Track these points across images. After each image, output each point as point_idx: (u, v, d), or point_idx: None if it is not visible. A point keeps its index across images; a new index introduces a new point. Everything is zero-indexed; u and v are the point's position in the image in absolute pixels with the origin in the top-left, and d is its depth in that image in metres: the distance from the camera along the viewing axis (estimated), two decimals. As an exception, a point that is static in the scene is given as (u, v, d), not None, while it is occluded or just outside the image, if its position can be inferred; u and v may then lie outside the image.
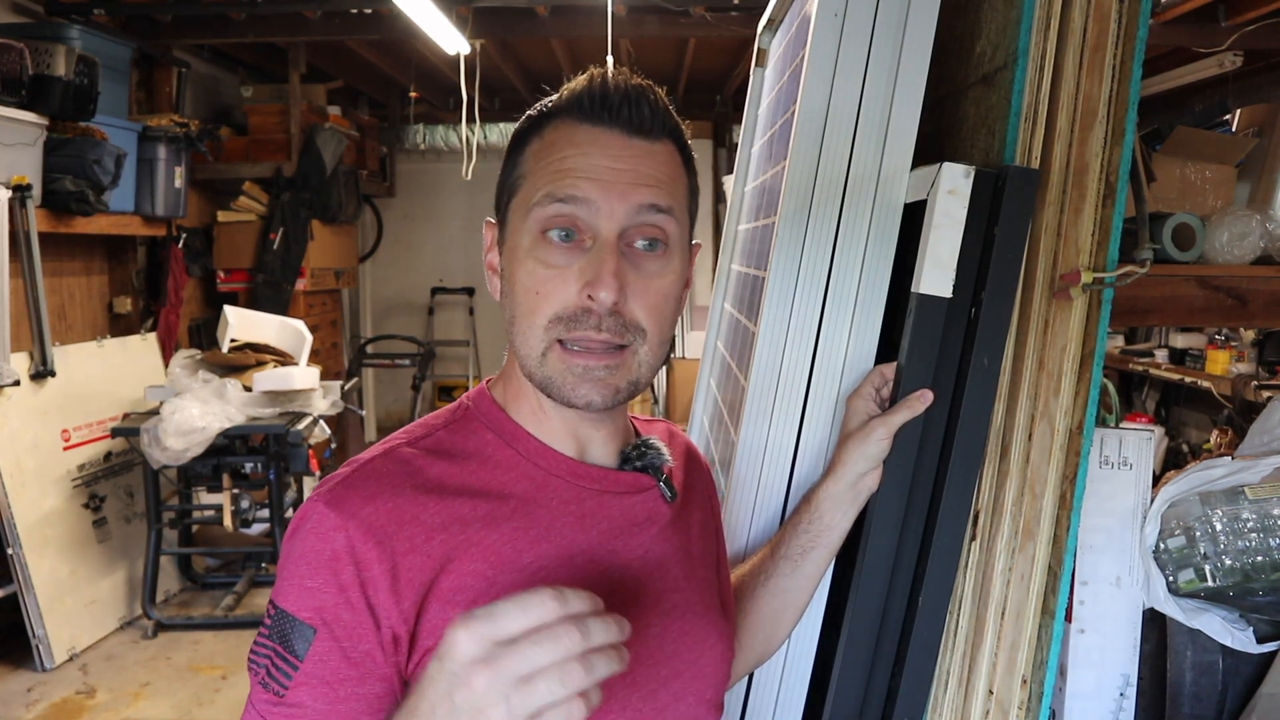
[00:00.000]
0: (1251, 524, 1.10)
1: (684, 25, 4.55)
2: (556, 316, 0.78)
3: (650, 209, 0.79)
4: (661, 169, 0.81)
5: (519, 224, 0.81)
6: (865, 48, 1.07)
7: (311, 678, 0.72)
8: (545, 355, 0.79)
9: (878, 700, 1.04)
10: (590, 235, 0.78)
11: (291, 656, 0.73)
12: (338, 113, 6.00)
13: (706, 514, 1.00)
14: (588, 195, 0.77)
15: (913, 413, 0.99)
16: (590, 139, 0.79)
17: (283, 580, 0.75)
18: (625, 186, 0.78)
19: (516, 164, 0.83)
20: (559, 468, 0.84)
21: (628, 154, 0.79)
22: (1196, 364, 4.00)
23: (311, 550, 0.74)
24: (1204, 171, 1.78)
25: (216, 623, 3.98)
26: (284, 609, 0.74)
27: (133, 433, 3.75)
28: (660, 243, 0.80)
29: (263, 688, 0.73)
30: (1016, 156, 0.99)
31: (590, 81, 0.80)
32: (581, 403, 0.79)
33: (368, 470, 0.78)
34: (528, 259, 0.79)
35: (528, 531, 0.80)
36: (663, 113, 0.81)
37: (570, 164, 0.78)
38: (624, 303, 0.78)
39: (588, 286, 0.77)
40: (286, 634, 0.73)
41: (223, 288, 5.37)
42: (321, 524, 0.74)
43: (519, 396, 0.85)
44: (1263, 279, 1.20)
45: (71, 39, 3.78)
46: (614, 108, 0.79)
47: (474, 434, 0.84)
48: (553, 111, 0.82)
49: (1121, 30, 0.98)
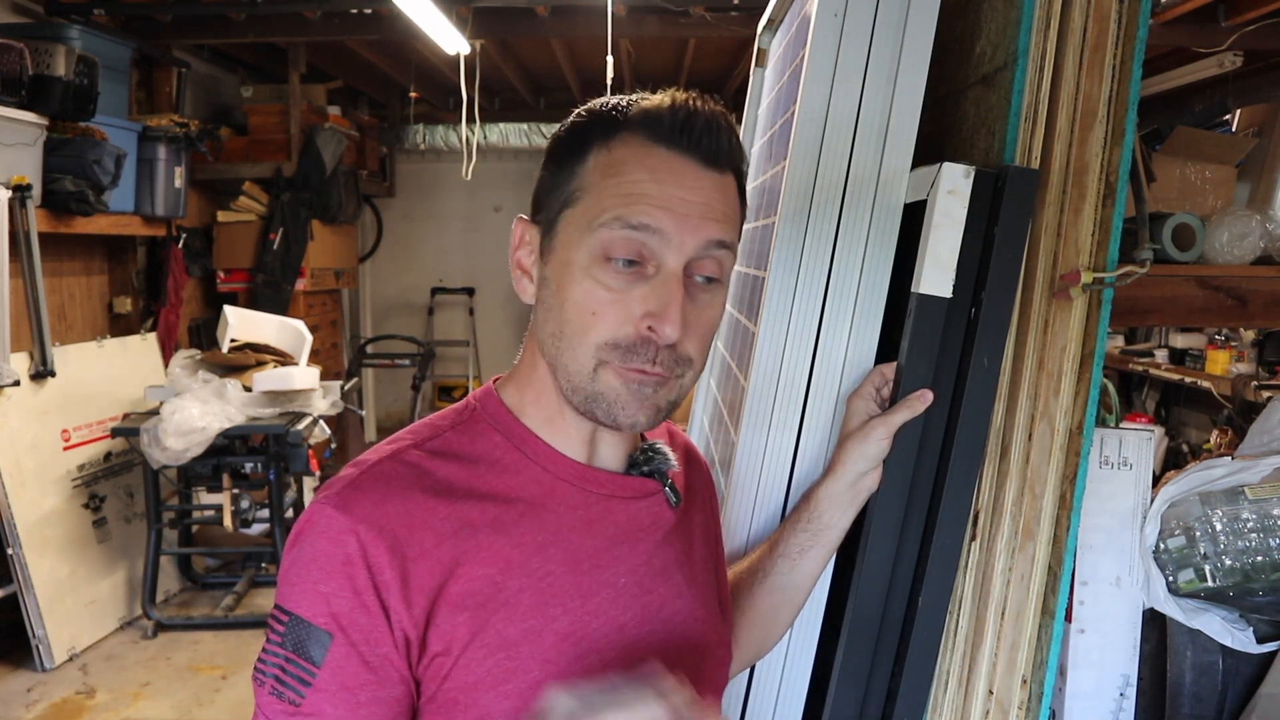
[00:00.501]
0: (1251, 524, 1.10)
1: (684, 25, 4.55)
2: (613, 343, 0.77)
3: (717, 245, 0.78)
4: (729, 204, 0.80)
5: (575, 238, 0.78)
6: (865, 48, 1.07)
7: (330, 684, 0.71)
8: (597, 372, 0.77)
9: (878, 700, 1.04)
10: (654, 264, 0.76)
11: (307, 663, 0.71)
12: (338, 113, 6.00)
13: (707, 515, 1.00)
14: (661, 226, 0.75)
15: (912, 413, 0.99)
16: (665, 165, 0.76)
17: (292, 585, 0.73)
18: (697, 220, 0.76)
19: (575, 173, 0.79)
20: (567, 472, 0.83)
21: (702, 185, 0.77)
22: (1196, 364, 4.00)
23: (323, 553, 0.73)
24: (1204, 171, 1.78)
25: (216, 623, 3.98)
26: (297, 614, 0.72)
27: (133, 433, 3.75)
28: (716, 279, 0.80)
29: (275, 698, 0.72)
30: (1016, 156, 0.99)
31: (672, 102, 0.78)
32: (627, 423, 0.78)
33: (376, 473, 0.77)
34: (585, 278, 0.77)
35: (535, 536, 0.79)
36: (736, 145, 0.80)
37: (644, 189, 0.76)
38: (682, 342, 0.77)
39: (650, 317, 0.76)
40: (301, 641, 0.72)
41: (223, 288, 5.37)
42: (331, 527, 0.73)
43: (536, 401, 0.84)
44: (1263, 279, 1.20)
45: (71, 39, 3.78)
46: (695, 135, 0.77)
47: (481, 436, 0.83)
48: (623, 123, 0.78)
49: (1121, 30, 0.98)
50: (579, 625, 0.79)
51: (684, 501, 0.92)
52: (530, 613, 0.77)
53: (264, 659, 0.73)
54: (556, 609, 0.78)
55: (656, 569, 0.86)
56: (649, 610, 0.84)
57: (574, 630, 0.79)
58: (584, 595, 0.80)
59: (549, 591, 0.78)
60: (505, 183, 7.30)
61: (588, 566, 0.81)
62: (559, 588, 0.79)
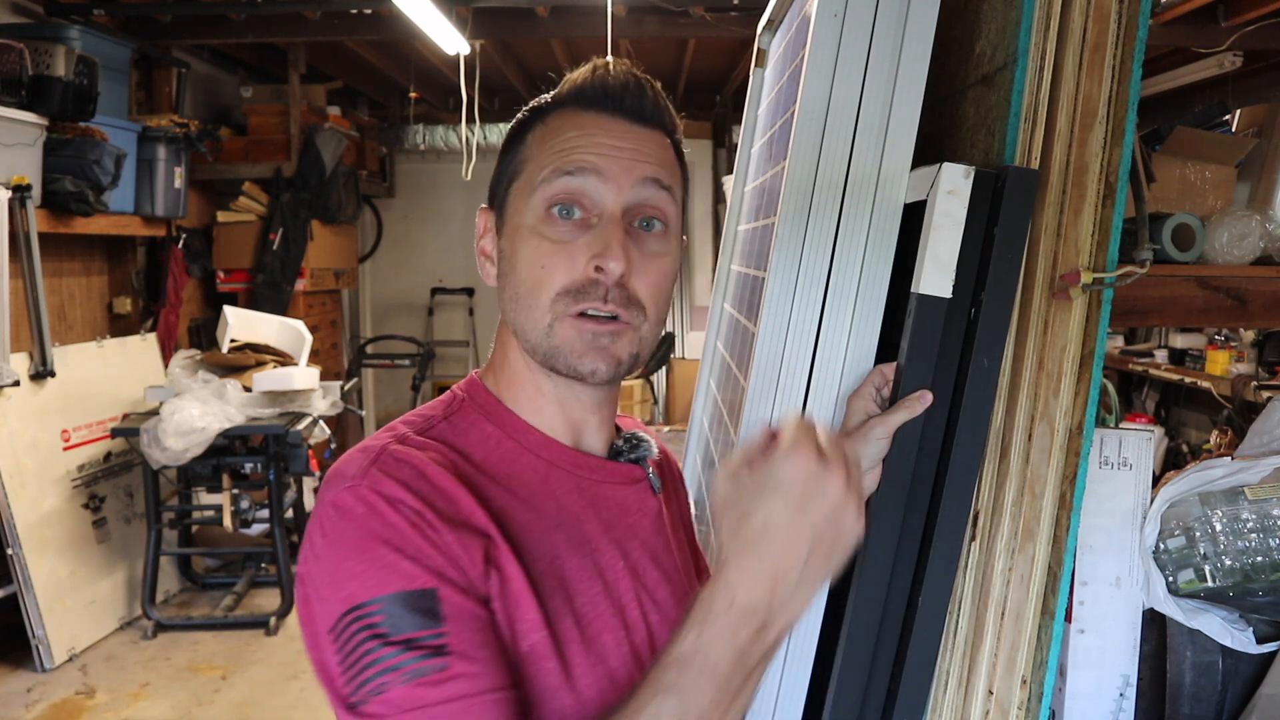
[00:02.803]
0: (1251, 524, 1.10)
1: (684, 25, 4.55)
2: (564, 289, 0.79)
3: (653, 183, 0.82)
4: (662, 153, 0.85)
5: (522, 204, 0.82)
6: (865, 48, 1.07)
7: (461, 634, 0.69)
8: (553, 326, 0.80)
9: (878, 700, 1.04)
10: (596, 213, 0.80)
11: (427, 631, 0.68)
12: (337, 113, 6.00)
13: (681, 505, 1.02)
14: (595, 166, 0.80)
15: (911, 413, 0.99)
16: (594, 123, 0.82)
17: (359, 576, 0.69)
18: (629, 162, 0.81)
19: (517, 150, 0.85)
20: (560, 458, 0.84)
21: (630, 136, 0.82)
22: (1196, 364, 4.00)
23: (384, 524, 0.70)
24: (1204, 172, 1.78)
25: (216, 623, 3.98)
26: (387, 595, 0.68)
27: (132, 433, 3.75)
28: (660, 222, 0.83)
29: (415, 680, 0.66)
30: (1016, 157, 0.99)
31: (593, 72, 0.84)
32: (587, 370, 0.81)
33: (394, 453, 0.76)
34: (532, 236, 0.81)
35: (541, 520, 0.81)
36: (661, 105, 0.85)
37: (575, 142, 0.81)
38: (629, 277, 0.80)
39: (596, 258, 0.79)
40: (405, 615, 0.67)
41: (222, 288, 5.37)
42: (376, 501, 0.71)
43: (514, 384, 0.86)
44: (1263, 279, 1.20)
45: (71, 39, 3.78)
46: (616, 96, 0.83)
47: (474, 426, 0.84)
48: (555, 102, 0.85)
49: (1121, 30, 0.98)
50: (587, 609, 0.81)
51: (661, 490, 0.94)
52: (550, 596, 0.78)
53: (364, 666, 0.67)
54: (565, 594, 0.80)
55: (646, 553, 0.88)
56: (641, 593, 0.86)
57: (583, 614, 0.80)
58: (588, 579, 0.82)
59: (556, 577, 0.80)
60: None
61: (588, 551, 0.82)
62: (566, 572, 0.80)
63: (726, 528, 0.69)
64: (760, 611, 0.67)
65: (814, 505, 0.67)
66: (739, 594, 0.67)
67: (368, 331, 7.43)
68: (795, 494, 0.67)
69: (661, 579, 0.88)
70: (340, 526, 0.71)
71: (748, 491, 0.69)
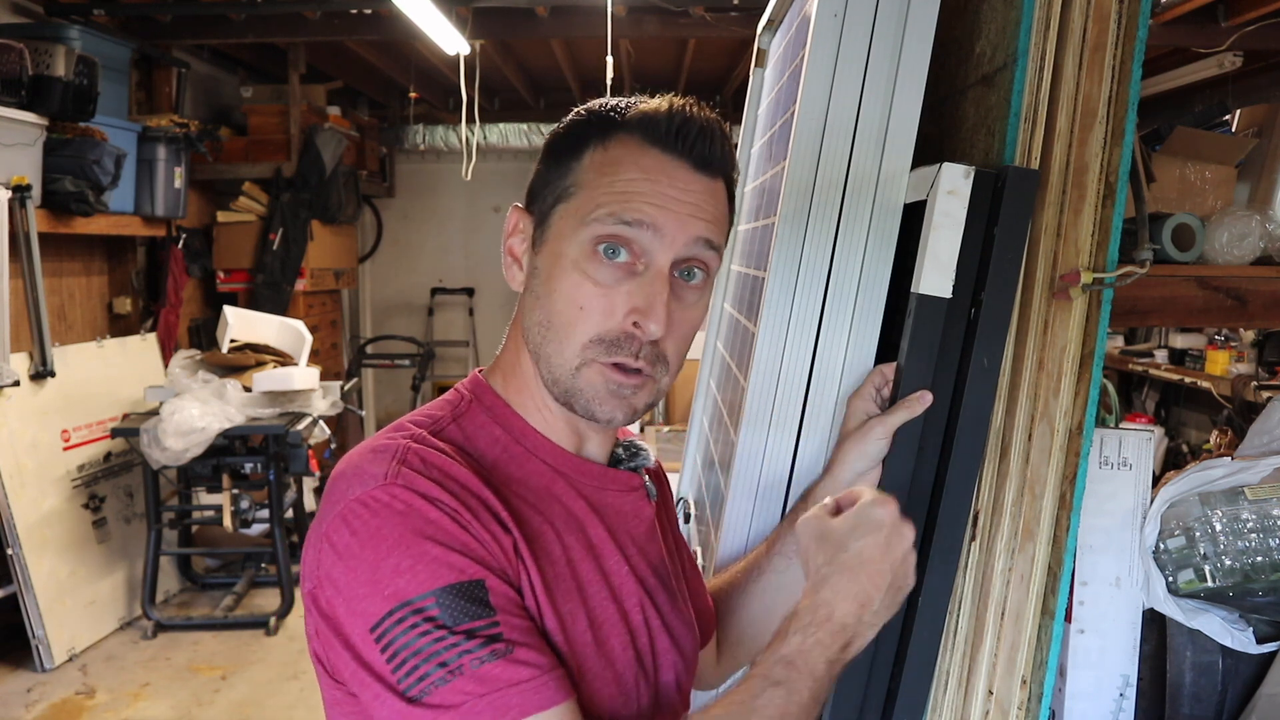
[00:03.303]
0: (1251, 524, 1.10)
1: (684, 26, 4.54)
2: (598, 336, 0.78)
3: (705, 244, 0.80)
4: (719, 208, 0.82)
5: (568, 231, 0.79)
6: (865, 48, 1.07)
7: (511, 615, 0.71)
8: (580, 370, 0.79)
9: (878, 700, 1.04)
10: (644, 261, 0.78)
11: (481, 621, 0.69)
12: (337, 113, 6.00)
13: (671, 514, 1.03)
14: (653, 221, 0.77)
15: (911, 414, 0.99)
16: (659, 166, 0.79)
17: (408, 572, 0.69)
18: (687, 218, 0.79)
19: (570, 169, 0.81)
20: (565, 465, 0.85)
21: (693, 187, 0.79)
22: (1196, 364, 4.00)
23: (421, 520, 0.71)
24: (1204, 172, 1.78)
25: (216, 623, 3.98)
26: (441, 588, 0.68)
27: (132, 433, 3.75)
28: (700, 273, 0.82)
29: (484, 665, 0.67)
30: (1016, 157, 0.99)
31: (669, 107, 0.80)
32: (603, 419, 0.81)
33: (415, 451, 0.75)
34: (574, 271, 0.78)
35: (552, 524, 0.81)
36: (728, 152, 0.82)
37: (637, 187, 0.78)
38: (663, 337, 0.79)
39: (636, 313, 0.77)
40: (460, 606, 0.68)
41: (222, 288, 5.37)
42: (414, 497, 0.71)
43: (522, 390, 0.85)
44: (1263, 279, 1.19)
45: (71, 39, 3.78)
46: (689, 139, 0.79)
47: (482, 429, 0.83)
48: (620, 125, 0.80)
49: (1121, 30, 0.98)
50: (598, 612, 0.81)
51: (657, 498, 0.95)
52: (564, 599, 0.79)
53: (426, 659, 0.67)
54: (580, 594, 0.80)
55: (646, 558, 0.89)
56: (644, 598, 0.86)
57: (595, 617, 0.81)
58: (597, 584, 0.82)
59: (575, 579, 0.80)
60: (505, 183, 7.29)
61: (595, 555, 0.83)
62: (582, 576, 0.81)
63: (822, 556, 0.79)
64: (850, 628, 0.77)
65: (895, 546, 0.79)
66: (836, 611, 0.77)
67: (368, 331, 7.43)
68: (884, 534, 0.79)
69: (659, 584, 0.89)
70: (375, 524, 0.71)
71: (840, 529, 0.80)
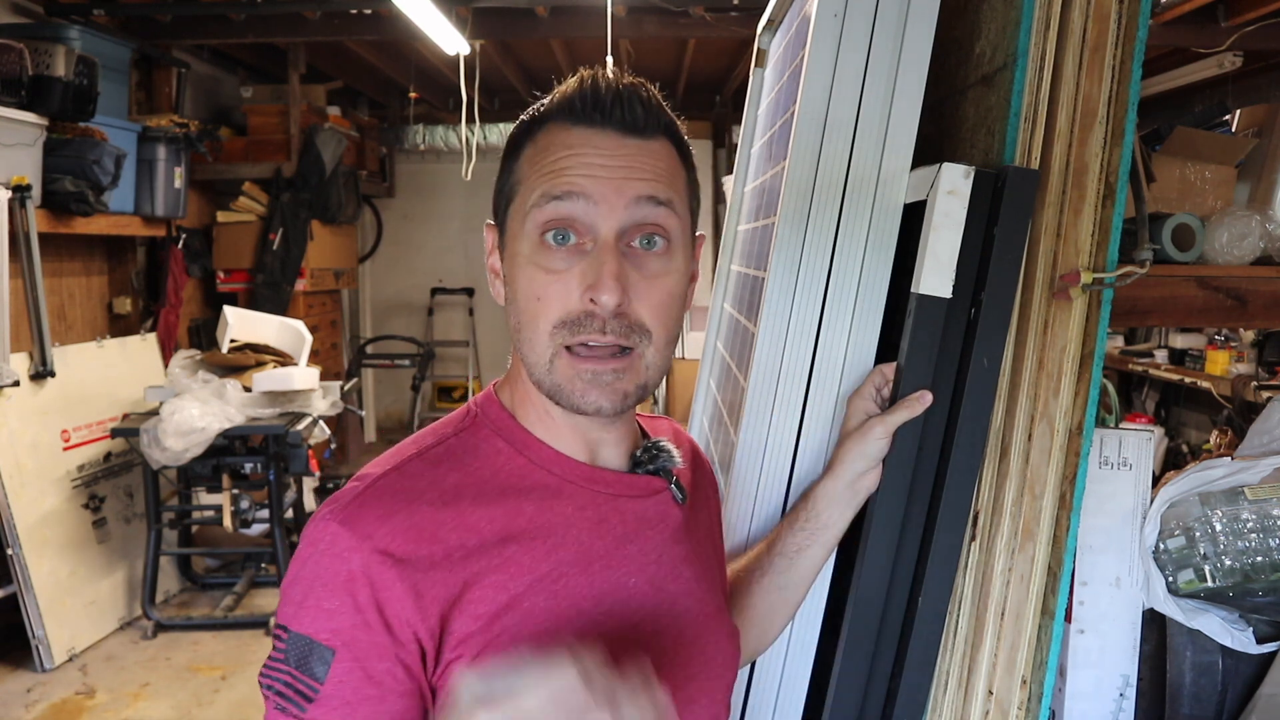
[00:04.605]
0: (1251, 524, 1.10)
1: (684, 26, 4.55)
2: (560, 322, 0.77)
3: (648, 201, 0.78)
4: (658, 164, 0.80)
5: (518, 230, 0.80)
6: (865, 48, 1.07)
7: (332, 699, 0.71)
8: (553, 362, 0.78)
9: (877, 700, 1.04)
10: (590, 238, 0.77)
11: (310, 679, 0.72)
12: (337, 113, 6.00)
13: (712, 513, 1.00)
14: (584, 190, 0.76)
15: (911, 413, 0.99)
16: (583, 140, 0.78)
17: (295, 603, 0.73)
18: (620, 181, 0.77)
19: (511, 170, 0.82)
20: (572, 474, 0.83)
21: (622, 152, 0.78)
22: (1196, 364, 4.00)
23: (327, 572, 0.73)
24: (1204, 172, 1.78)
25: (216, 623, 3.98)
26: (299, 632, 0.72)
27: (132, 433, 3.75)
28: (661, 239, 0.79)
29: (280, 711, 0.72)
30: (1016, 157, 0.99)
31: (580, 83, 0.79)
32: (591, 409, 0.79)
33: (380, 488, 0.77)
34: (528, 265, 0.78)
35: (546, 540, 0.79)
36: (656, 110, 0.80)
37: (563, 164, 0.77)
38: (628, 304, 0.77)
39: (589, 290, 0.76)
40: (304, 657, 0.72)
41: (222, 288, 5.37)
42: (335, 545, 0.73)
43: (526, 401, 0.84)
44: (1262, 279, 1.20)
45: (71, 39, 3.78)
46: (605, 108, 0.78)
47: (485, 442, 0.83)
48: (544, 115, 0.81)
49: (1121, 30, 0.98)
50: (594, 627, 0.79)
51: (690, 499, 0.93)
52: (546, 619, 0.77)
53: (268, 671, 0.74)
54: (571, 613, 0.78)
55: (666, 566, 0.86)
56: (660, 608, 0.84)
57: (589, 632, 0.79)
58: (597, 597, 0.80)
59: (563, 596, 0.78)
60: None
61: (599, 567, 0.81)
62: (572, 591, 0.79)
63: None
64: None
65: None
66: None
67: (368, 331, 7.43)
68: None
69: (682, 591, 0.87)
70: (304, 553, 0.75)
71: None
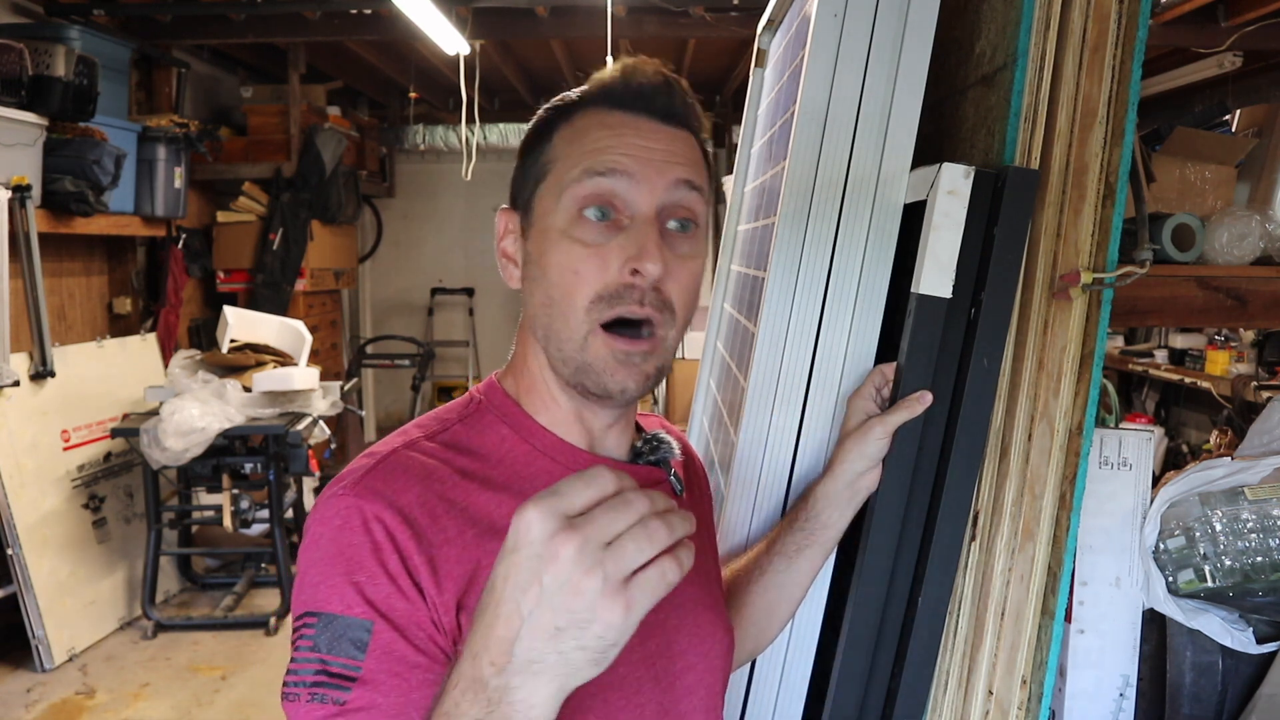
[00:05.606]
0: (1251, 524, 1.10)
1: (684, 26, 4.55)
2: (598, 295, 0.78)
3: (685, 185, 0.80)
4: (691, 153, 0.83)
5: (550, 205, 0.80)
6: (865, 48, 1.07)
7: (378, 673, 0.69)
8: (587, 339, 0.79)
9: (877, 700, 1.04)
10: (628, 214, 0.79)
11: (347, 660, 0.69)
12: (337, 113, 6.00)
13: (705, 509, 1.00)
14: (627, 169, 0.78)
15: (911, 413, 0.99)
16: (624, 122, 0.80)
17: (316, 586, 0.71)
18: (662, 164, 0.79)
19: (542, 150, 0.83)
20: (575, 462, 0.83)
21: (660, 137, 0.81)
22: (1196, 364, 4.00)
23: (350, 545, 0.71)
24: (1204, 172, 1.78)
25: (216, 623, 3.98)
26: (328, 613, 0.70)
27: (132, 433, 3.75)
28: (692, 223, 0.82)
29: (317, 704, 0.68)
30: (1016, 157, 0.99)
31: (621, 71, 0.82)
32: (617, 389, 0.79)
33: (392, 462, 0.77)
34: (563, 239, 0.79)
35: None
36: (689, 104, 0.84)
37: (606, 143, 0.79)
38: (664, 280, 0.79)
39: (632, 260, 0.77)
40: (337, 638, 0.69)
41: (222, 288, 5.37)
42: (356, 516, 0.72)
43: (531, 389, 0.85)
44: (1262, 279, 1.20)
45: (71, 39, 3.78)
46: (646, 95, 0.81)
47: (489, 428, 0.83)
48: (582, 101, 0.83)
49: (1121, 30, 0.98)
50: None
51: (685, 492, 0.93)
52: None
53: (294, 671, 0.70)
54: None
55: None
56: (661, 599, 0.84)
57: None
58: None
59: None
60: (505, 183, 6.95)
61: None
62: None
63: None
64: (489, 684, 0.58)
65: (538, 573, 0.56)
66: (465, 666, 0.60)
67: (368, 331, 7.43)
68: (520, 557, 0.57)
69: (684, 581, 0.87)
70: (317, 530, 0.73)
71: None
